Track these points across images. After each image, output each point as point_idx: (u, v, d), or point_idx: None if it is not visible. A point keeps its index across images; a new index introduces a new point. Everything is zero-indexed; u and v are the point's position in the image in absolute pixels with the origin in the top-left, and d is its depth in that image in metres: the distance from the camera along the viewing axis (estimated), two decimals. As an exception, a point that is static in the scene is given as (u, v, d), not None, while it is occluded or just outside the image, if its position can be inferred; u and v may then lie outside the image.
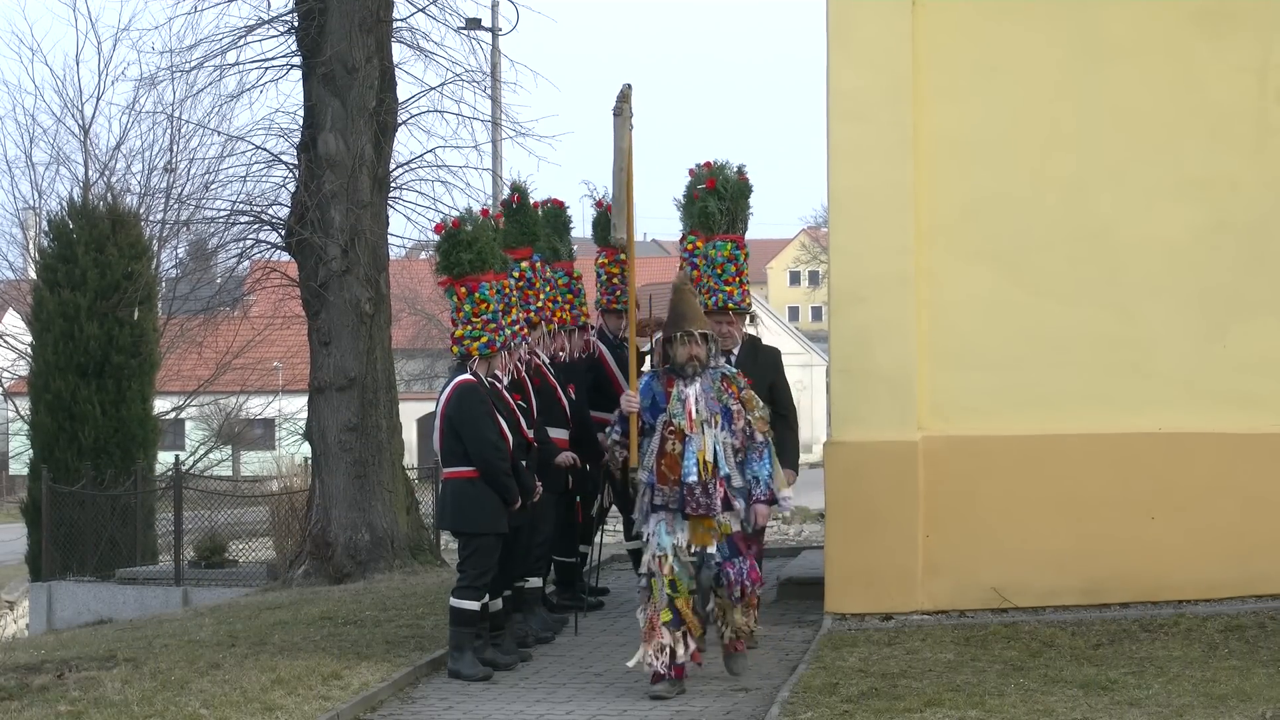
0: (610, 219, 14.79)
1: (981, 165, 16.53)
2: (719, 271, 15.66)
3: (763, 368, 15.67)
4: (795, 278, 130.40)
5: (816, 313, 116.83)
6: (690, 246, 16.15)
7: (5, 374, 53.21)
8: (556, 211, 17.54)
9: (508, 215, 16.34)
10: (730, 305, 15.60)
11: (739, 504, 13.34)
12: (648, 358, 16.65)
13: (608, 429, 14.12)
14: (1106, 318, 16.34)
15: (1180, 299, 16.33)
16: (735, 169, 16.21)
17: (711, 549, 13.20)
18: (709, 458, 13.17)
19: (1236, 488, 16.07)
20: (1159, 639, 14.76)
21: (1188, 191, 16.31)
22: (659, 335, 15.21)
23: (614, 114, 13.87)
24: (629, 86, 13.92)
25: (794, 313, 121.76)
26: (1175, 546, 16.07)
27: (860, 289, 16.60)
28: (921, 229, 16.52)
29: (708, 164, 16.24)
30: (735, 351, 15.39)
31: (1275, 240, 16.27)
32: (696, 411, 13.22)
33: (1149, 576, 16.10)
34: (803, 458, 17.02)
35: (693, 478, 13.14)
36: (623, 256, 16.26)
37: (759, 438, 13.38)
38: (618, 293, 17.53)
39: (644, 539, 13.57)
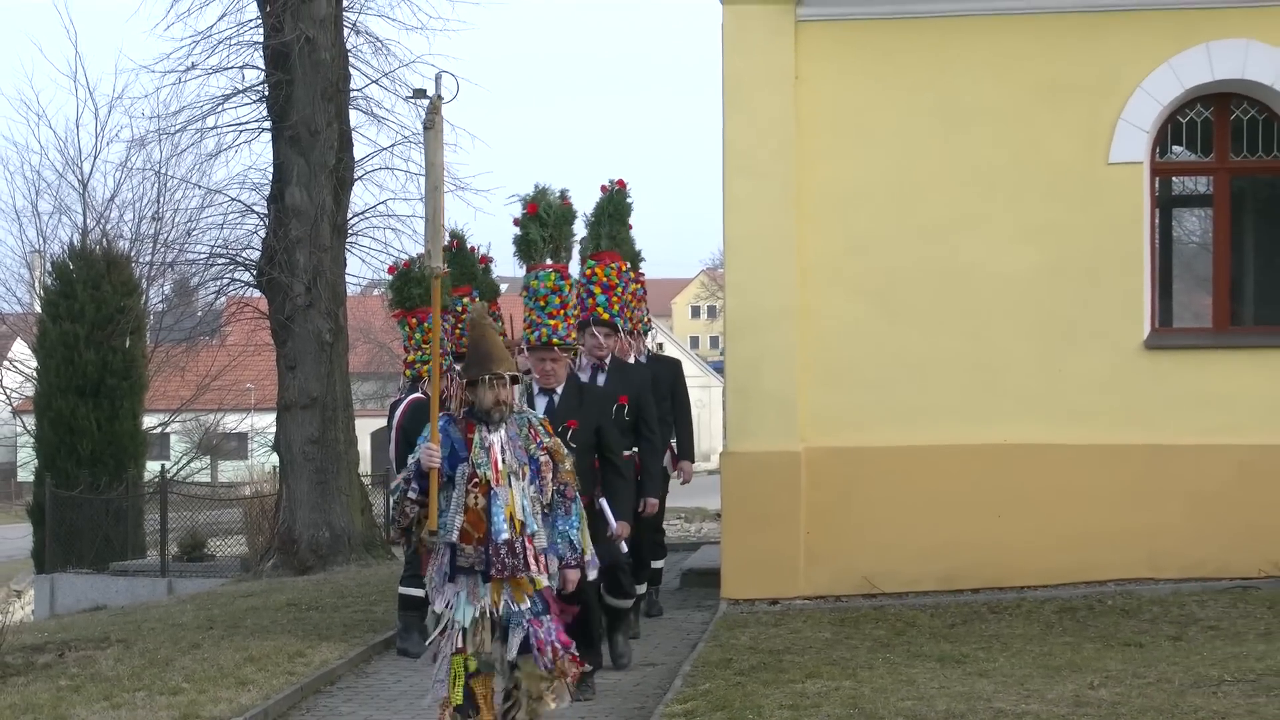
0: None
1: (855, 214, 16.57)
2: (542, 304, 12.86)
3: (597, 404, 13.05)
4: (696, 311, 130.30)
5: (714, 341, 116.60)
6: (589, 273, 14.64)
7: (14, 394, 52.79)
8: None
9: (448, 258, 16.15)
10: (555, 340, 12.79)
11: (547, 560, 9.97)
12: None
13: (396, 484, 10.11)
14: (962, 345, 16.41)
15: (1025, 329, 16.41)
16: (559, 194, 13.74)
17: (524, 605, 9.77)
18: (518, 513, 9.85)
19: (1070, 490, 16.15)
20: (1004, 619, 14.81)
21: (1031, 237, 16.40)
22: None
23: (424, 127, 10.24)
24: (439, 96, 10.30)
25: (695, 341, 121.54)
26: (1019, 540, 16.13)
27: (752, 321, 16.61)
28: (803, 269, 16.54)
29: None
30: (558, 390, 12.81)
31: (1104, 279, 16.36)
32: (503, 462, 9.89)
33: (996, 566, 16.16)
34: (701, 465, 16.89)
35: (504, 535, 9.76)
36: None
37: (570, 493, 10.13)
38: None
39: (437, 610, 10.07)
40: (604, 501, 12.92)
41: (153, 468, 39.84)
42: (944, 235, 16.50)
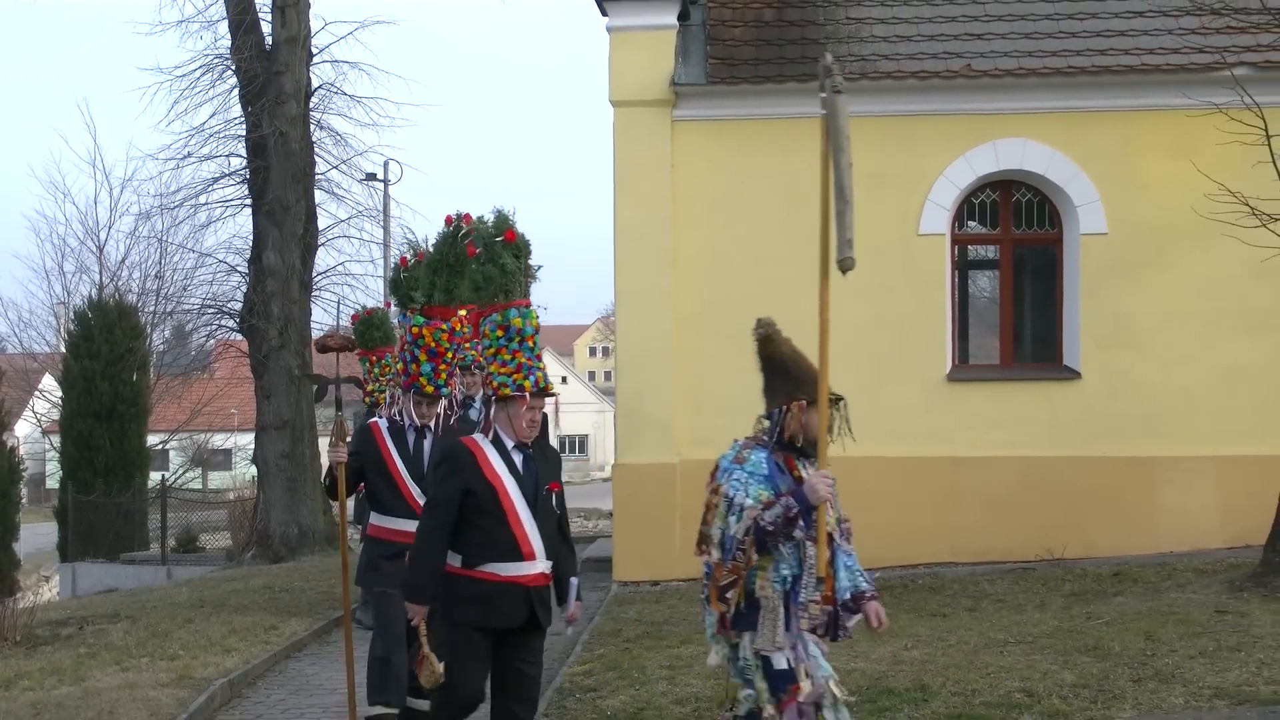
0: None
1: (719, 274, 16.63)
2: (530, 345, 8.12)
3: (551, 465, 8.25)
4: (594, 351, 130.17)
5: (608, 375, 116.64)
6: (415, 332, 10.04)
7: (43, 418, 52.23)
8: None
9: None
10: (549, 386, 8.16)
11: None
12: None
13: (758, 524, 6.75)
14: (803, 378, 16.46)
15: (854, 365, 16.44)
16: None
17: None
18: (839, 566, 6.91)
19: (889, 494, 16.24)
20: (838, 596, 14.83)
21: (859, 293, 16.42)
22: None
23: (833, 91, 6.47)
24: (829, 56, 6.53)
25: (593, 375, 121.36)
26: (849, 533, 16.20)
27: (637, 359, 16.64)
28: (678, 318, 16.59)
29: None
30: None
31: (915, 326, 16.52)
32: (833, 507, 6.84)
33: (832, 553, 16.20)
34: (596, 474, 16.84)
35: (847, 594, 6.94)
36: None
37: (849, 528, 7.17)
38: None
39: (780, 666, 6.72)
40: (575, 580, 8.43)
41: (155, 477, 39.39)
42: (788, 291, 16.50)
